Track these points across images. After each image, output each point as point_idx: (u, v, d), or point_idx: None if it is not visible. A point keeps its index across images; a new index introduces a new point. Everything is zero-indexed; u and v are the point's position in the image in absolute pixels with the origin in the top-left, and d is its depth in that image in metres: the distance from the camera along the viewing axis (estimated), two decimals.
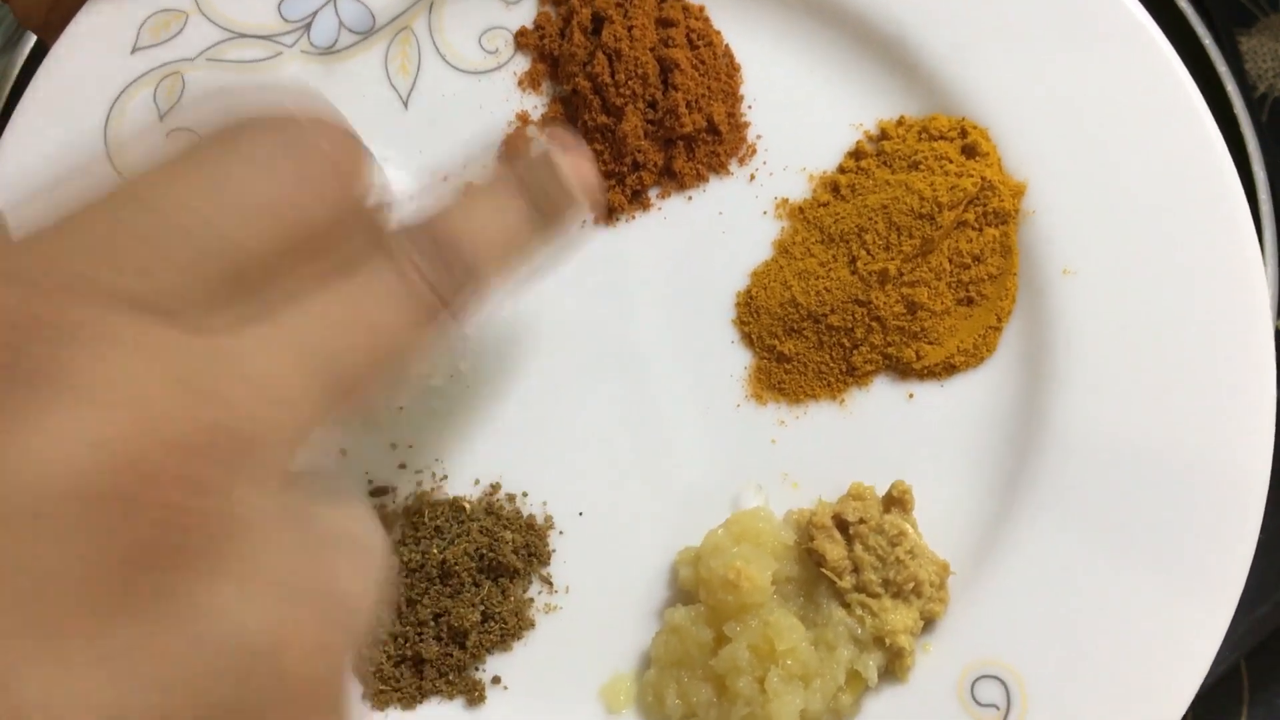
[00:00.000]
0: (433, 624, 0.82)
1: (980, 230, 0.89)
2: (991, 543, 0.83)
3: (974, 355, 0.89)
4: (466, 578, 0.83)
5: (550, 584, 0.85)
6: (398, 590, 0.83)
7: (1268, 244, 0.97)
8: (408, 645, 0.81)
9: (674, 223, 0.93)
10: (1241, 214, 0.85)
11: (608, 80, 0.92)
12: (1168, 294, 0.85)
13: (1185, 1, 1.04)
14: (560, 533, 0.86)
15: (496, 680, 0.82)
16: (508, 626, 0.83)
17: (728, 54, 0.96)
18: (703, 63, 0.93)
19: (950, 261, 0.88)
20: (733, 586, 0.78)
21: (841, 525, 0.81)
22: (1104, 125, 0.89)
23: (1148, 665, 0.77)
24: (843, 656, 0.78)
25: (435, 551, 0.83)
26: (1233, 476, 0.80)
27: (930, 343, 0.88)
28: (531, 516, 0.86)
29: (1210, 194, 0.86)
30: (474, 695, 0.81)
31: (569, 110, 0.95)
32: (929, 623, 0.82)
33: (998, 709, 0.78)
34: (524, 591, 0.84)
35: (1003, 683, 0.79)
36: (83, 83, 0.90)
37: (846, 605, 0.80)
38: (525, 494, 0.87)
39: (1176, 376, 0.83)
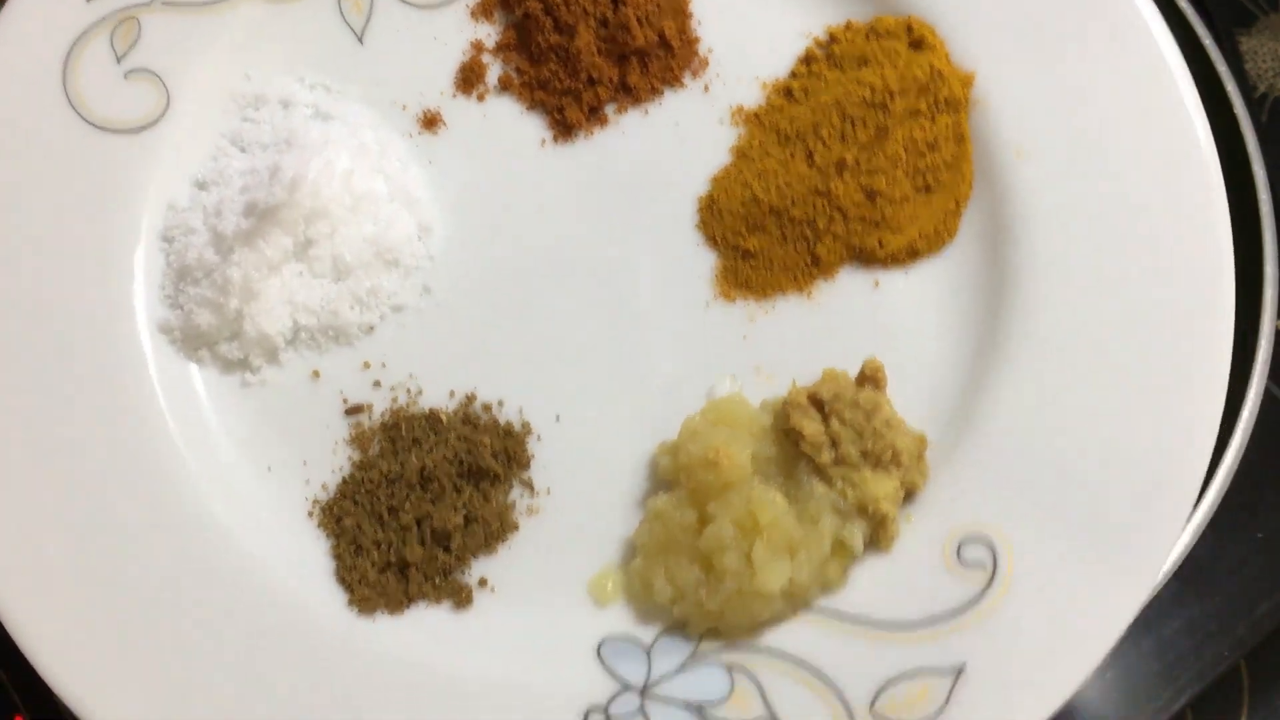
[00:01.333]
0: (415, 529, 0.81)
1: (933, 119, 0.90)
2: (965, 416, 0.84)
3: (935, 240, 0.90)
4: (447, 483, 0.82)
5: (531, 488, 0.85)
6: (379, 500, 0.82)
7: (1267, 243, 0.95)
8: (391, 551, 0.81)
9: (632, 137, 0.94)
10: (1185, 84, 0.88)
11: (557, 0, 0.94)
12: (1117, 167, 0.86)
13: (1185, 1, 1.03)
14: (538, 438, 0.86)
15: (483, 582, 0.82)
16: (491, 529, 0.82)
17: None
18: None
19: (906, 150, 0.90)
20: (713, 465, 0.78)
21: (817, 403, 0.82)
22: (1045, 13, 0.91)
23: (1127, 518, 0.78)
24: (826, 527, 0.78)
25: (414, 460, 0.83)
26: (1194, 322, 0.81)
27: (892, 230, 0.89)
28: (509, 423, 0.86)
29: (1148, 65, 0.88)
30: (461, 598, 0.81)
31: (522, 35, 0.96)
32: (910, 494, 0.82)
33: (984, 568, 0.78)
34: (505, 496, 0.84)
35: (988, 544, 0.79)
36: (40, 31, 0.90)
37: (827, 480, 0.80)
38: (501, 403, 0.87)
39: (1132, 243, 0.84)
